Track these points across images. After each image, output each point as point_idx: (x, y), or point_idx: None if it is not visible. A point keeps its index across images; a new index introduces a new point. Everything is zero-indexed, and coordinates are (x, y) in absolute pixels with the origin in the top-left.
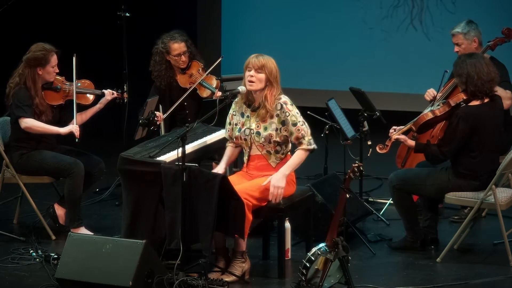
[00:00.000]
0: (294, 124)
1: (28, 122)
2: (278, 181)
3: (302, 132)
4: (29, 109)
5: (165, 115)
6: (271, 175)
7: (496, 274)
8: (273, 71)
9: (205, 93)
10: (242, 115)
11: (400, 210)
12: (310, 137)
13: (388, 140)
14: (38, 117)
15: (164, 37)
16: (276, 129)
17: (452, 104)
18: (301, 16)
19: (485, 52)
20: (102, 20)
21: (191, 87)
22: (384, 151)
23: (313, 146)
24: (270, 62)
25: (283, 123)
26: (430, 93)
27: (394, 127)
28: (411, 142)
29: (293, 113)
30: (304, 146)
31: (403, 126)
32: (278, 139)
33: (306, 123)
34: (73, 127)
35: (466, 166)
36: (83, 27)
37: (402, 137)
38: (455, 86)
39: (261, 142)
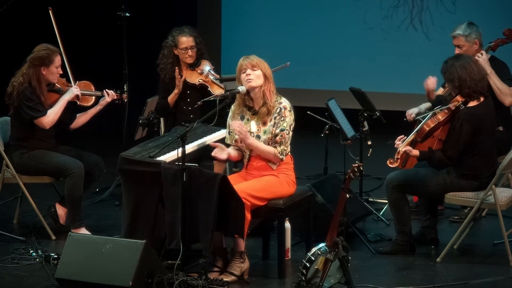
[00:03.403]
0: (282, 130)
1: (49, 118)
2: (246, 133)
3: (282, 139)
4: (41, 106)
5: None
6: (271, 175)
7: (496, 274)
8: (266, 67)
9: (217, 90)
10: (242, 117)
11: (395, 211)
12: (286, 148)
13: (397, 153)
14: None
15: (174, 31)
16: (271, 132)
17: (452, 107)
18: (301, 16)
19: (487, 53)
20: (102, 20)
21: (200, 83)
22: (395, 164)
23: (282, 157)
24: (261, 60)
25: (274, 124)
26: (431, 82)
27: (400, 137)
28: (416, 152)
29: (287, 119)
30: (275, 150)
31: (407, 138)
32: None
33: (290, 134)
34: (75, 90)
35: (467, 166)
36: (83, 27)
37: (408, 148)
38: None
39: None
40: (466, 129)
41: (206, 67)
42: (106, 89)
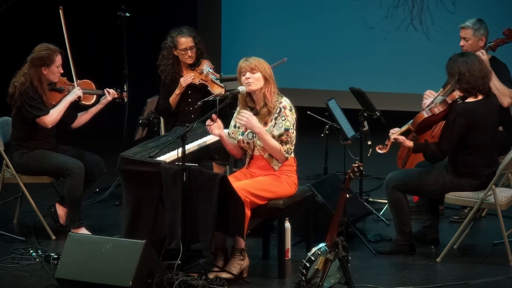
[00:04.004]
0: (286, 129)
1: (51, 117)
2: (254, 121)
3: (288, 138)
4: (43, 105)
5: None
6: (273, 174)
7: (496, 274)
8: (266, 69)
9: (217, 90)
10: None
11: (395, 211)
12: (291, 147)
13: (388, 140)
14: None
15: (172, 32)
16: (271, 132)
17: (449, 101)
18: (301, 16)
19: (487, 53)
20: (102, 20)
21: (201, 83)
22: (384, 150)
23: (287, 156)
24: (260, 61)
25: (274, 125)
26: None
27: (395, 128)
28: (409, 143)
29: (289, 118)
30: (282, 149)
31: (401, 127)
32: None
33: (295, 132)
34: (78, 91)
35: (464, 164)
36: (83, 27)
37: (401, 137)
38: (453, 90)
39: (263, 146)
40: (460, 123)
41: (206, 67)
42: (107, 88)
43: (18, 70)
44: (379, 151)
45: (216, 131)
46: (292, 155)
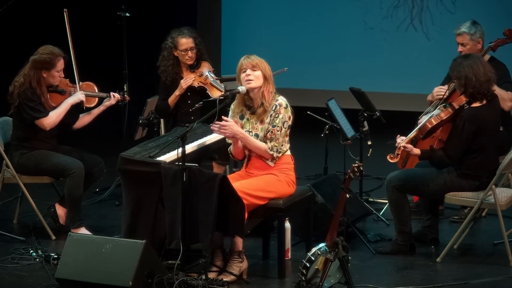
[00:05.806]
0: (274, 126)
1: (50, 119)
2: (235, 127)
3: (273, 136)
4: (42, 106)
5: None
6: (270, 174)
7: (496, 274)
8: (266, 68)
9: (216, 93)
10: (242, 117)
11: (396, 211)
12: (276, 145)
13: (398, 149)
14: None
15: (173, 32)
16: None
17: (456, 106)
18: (301, 16)
19: (487, 53)
20: (102, 20)
21: (200, 85)
22: (395, 160)
23: (272, 153)
24: (262, 61)
25: (270, 122)
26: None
27: (401, 137)
28: (417, 151)
29: (281, 116)
30: (266, 146)
31: (409, 135)
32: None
33: (283, 130)
34: (80, 95)
35: (467, 166)
36: (83, 27)
37: (409, 146)
38: (454, 89)
39: (248, 148)
40: (469, 129)
41: (206, 69)
42: (112, 92)
43: (20, 69)
44: (391, 160)
45: (229, 132)
46: (289, 153)
